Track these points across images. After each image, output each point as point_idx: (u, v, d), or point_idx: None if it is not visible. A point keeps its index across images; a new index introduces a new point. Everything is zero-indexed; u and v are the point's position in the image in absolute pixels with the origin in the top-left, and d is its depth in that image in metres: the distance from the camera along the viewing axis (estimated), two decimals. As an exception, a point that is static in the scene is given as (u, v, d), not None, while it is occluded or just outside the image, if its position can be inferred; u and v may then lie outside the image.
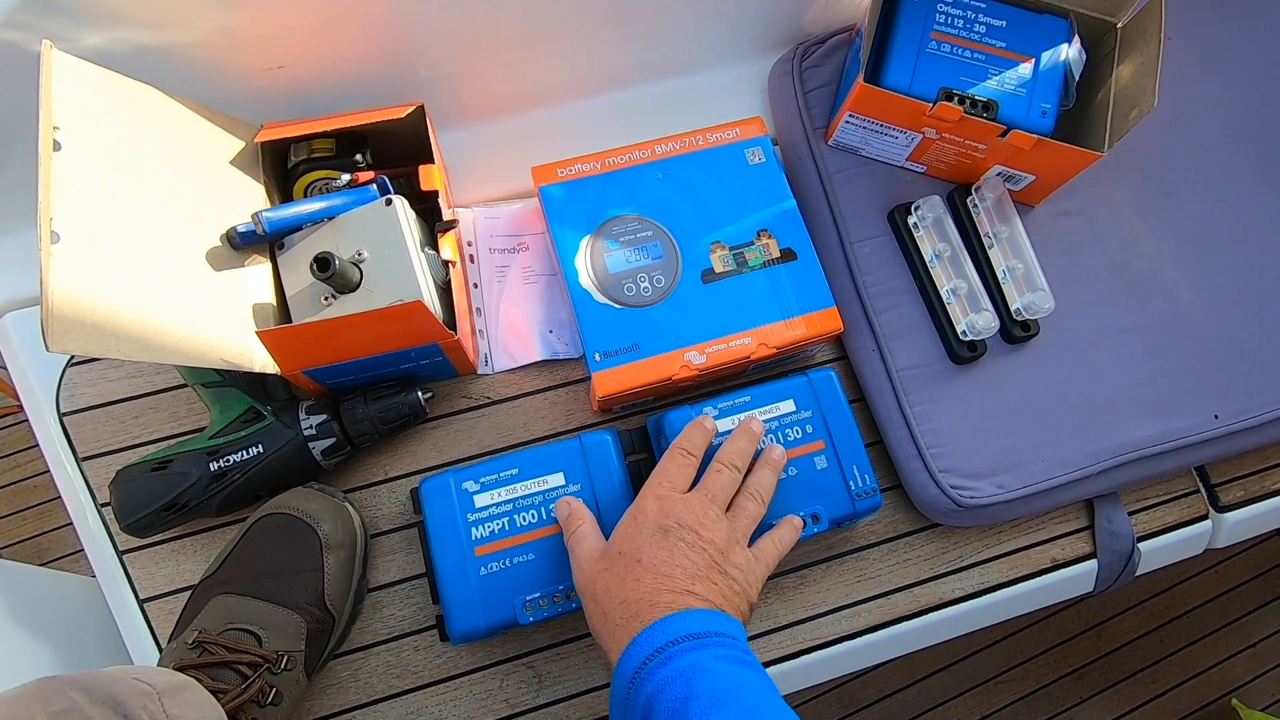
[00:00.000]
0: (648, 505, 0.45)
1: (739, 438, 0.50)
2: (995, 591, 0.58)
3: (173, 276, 0.45)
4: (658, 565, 0.42)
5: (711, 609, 0.41)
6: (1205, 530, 0.61)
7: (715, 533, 0.44)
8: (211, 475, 0.50)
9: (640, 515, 0.45)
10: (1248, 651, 1.33)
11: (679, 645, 0.38)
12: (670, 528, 0.44)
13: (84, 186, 0.41)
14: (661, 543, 0.43)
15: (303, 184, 0.55)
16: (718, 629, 0.40)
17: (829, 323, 0.55)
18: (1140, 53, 0.55)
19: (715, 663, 0.38)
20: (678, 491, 0.46)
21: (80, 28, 0.46)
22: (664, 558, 0.43)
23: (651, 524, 0.44)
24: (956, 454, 0.55)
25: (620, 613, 0.42)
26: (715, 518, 0.45)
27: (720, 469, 0.48)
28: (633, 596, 0.42)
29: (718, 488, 0.47)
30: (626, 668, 0.39)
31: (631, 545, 0.44)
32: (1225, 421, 0.57)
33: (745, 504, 0.48)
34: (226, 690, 0.44)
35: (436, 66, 0.58)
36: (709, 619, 0.40)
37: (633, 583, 0.42)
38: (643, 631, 0.40)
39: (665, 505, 0.45)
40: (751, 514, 0.47)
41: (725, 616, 0.41)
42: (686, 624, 0.39)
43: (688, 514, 0.45)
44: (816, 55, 0.64)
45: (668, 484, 0.47)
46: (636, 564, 0.43)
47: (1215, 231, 0.62)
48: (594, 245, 0.55)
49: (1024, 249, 0.57)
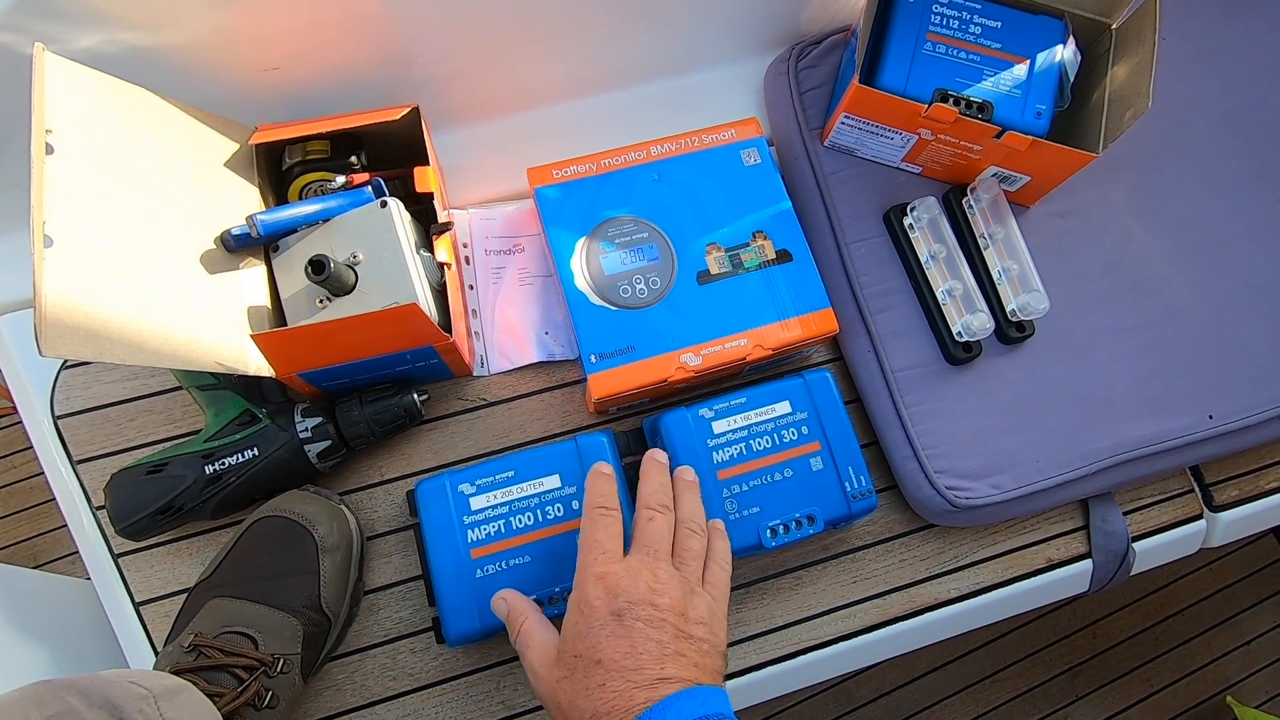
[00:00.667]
0: (590, 592, 0.41)
1: (652, 475, 0.47)
2: (991, 591, 0.58)
3: (167, 280, 0.45)
4: (620, 659, 0.39)
5: (689, 689, 0.38)
6: (1200, 530, 0.62)
7: (670, 595, 0.41)
8: (207, 478, 0.50)
9: (587, 607, 0.41)
10: (1242, 649, 1.33)
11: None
12: (623, 610, 0.40)
13: (77, 190, 0.41)
14: (618, 632, 0.39)
15: (297, 186, 0.55)
16: (701, 712, 0.37)
17: (824, 324, 0.55)
18: (1135, 53, 0.55)
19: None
20: (616, 560, 0.42)
21: (73, 30, 0.46)
22: (625, 649, 0.39)
23: (602, 613, 0.40)
24: (952, 455, 0.56)
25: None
26: (665, 578, 0.42)
27: (651, 517, 0.45)
28: (603, 707, 0.38)
29: (655, 539, 0.44)
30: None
31: (587, 645, 0.40)
32: (1220, 421, 0.57)
33: (687, 544, 0.45)
34: (222, 693, 0.44)
35: (431, 67, 0.58)
36: (688, 703, 0.37)
37: (598, 689, 0.38)
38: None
39: (610, 584, 0.41)
40: (696, 552, 0.45)
41: (705, 692, 0.38)
42: (665, 718, 0.36)
43: (636, 587, 0.41)
44: (812, 56, 0.64)
45: (603, 556, 0.43)
46: (597, 666, 0.39)
47: (1210, 232, 0.62)
48: (590, 247, 0.55)
49: (1019, 250, 0.57)
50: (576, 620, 0.41)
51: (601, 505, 0.45)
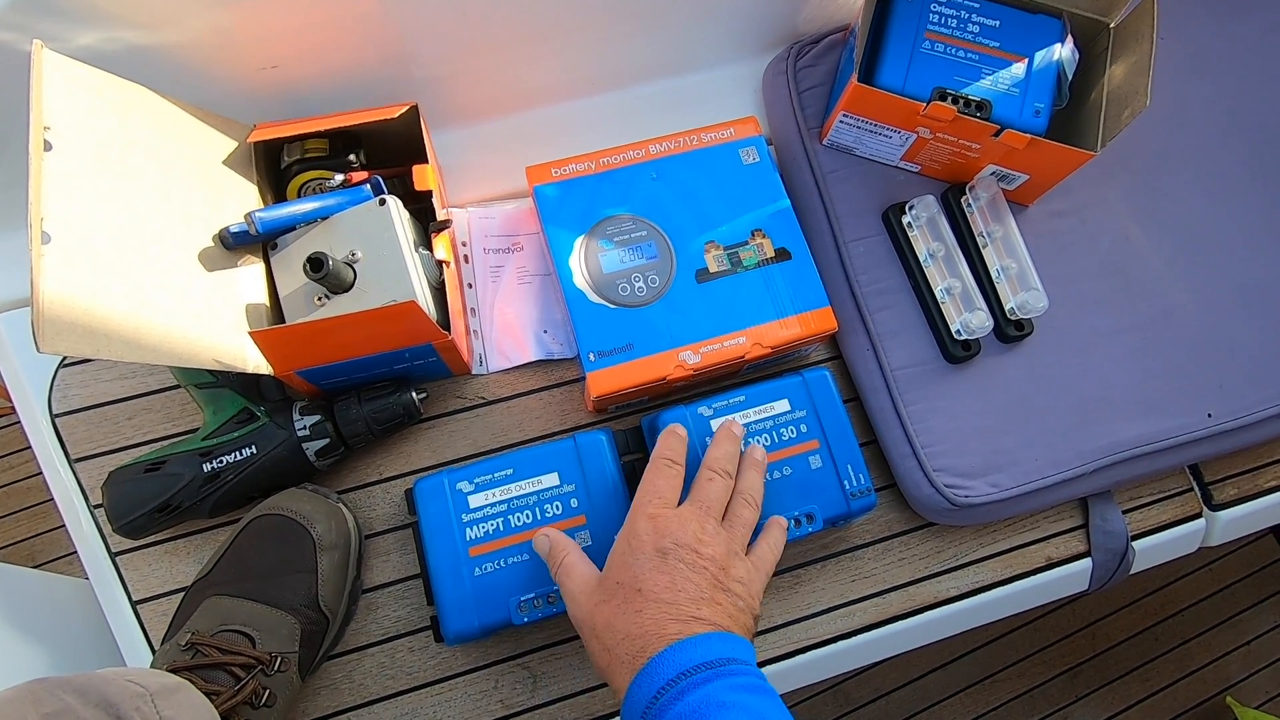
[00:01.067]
0: (641, 527, 0.44)
1: (723, 442, 0.49)
2: (990, 590, 0.58)
3: (165, 277, 0.45)
4: (660, 592, 0.41)
5: (720, 632, 0.39)
6: (1199, 528, 0.62)
7: (715, 548, 0.43)
8: (205, 476, 0.50)
9: (635, 540, 0.43)
10: (1242, 649, 1.33)
11: (691, 677, 0.37)
12: (668, 549, 0.42)
13: (75, 187, 0.41)
14: (661, 567, 0.42)
15: (296, 184, 0.55)
16: (729, 654, 0.38)
17: (823, 322, 0.55)
18: (1133, 53, 0.55)
19: (730, 694, 0.36)
20: (669, 507, 0.45)
21: (71, 27, 0.46)
22: (665, 583, 0.41)
23: (648, 548, 0.42)
24: (951, 453, 0.55)
25: (625, 648, 0.40)
26: (713, 532, 0.44)
27: (711, 477, 0.47)
28: (636, 630, 0.40)
29: (711, 498, 0.46)
30: (637, 702, 0.38)
31: (630, 574, 0.42)
32: (1218, 420, 0.57)
33: (740, 511, 0.47)
34: (220, 692, 0.44)
35: (430, 66, 0.58)
36: (719, 644, 0.39)
37: (634, 614, 0.40)
38: (650, 663, 0.38)
39: (660, 525, 0.43)
40: (747, 521, 0.46)
41: (735, 639, 0.40)
42: (697, 652, 0.38)
43: (684, 532, 0.43)
44: (811, 55, 0.64)
45: (658, 500, 0.45)
46: (637, 594, 0.41)
47: (1208, 231, 0.62)
48: (588, 245, 0.55)
49: (1018, 248, 0.57)
50: (623, 551, 0.44)
51: (668, 457, 0.47)
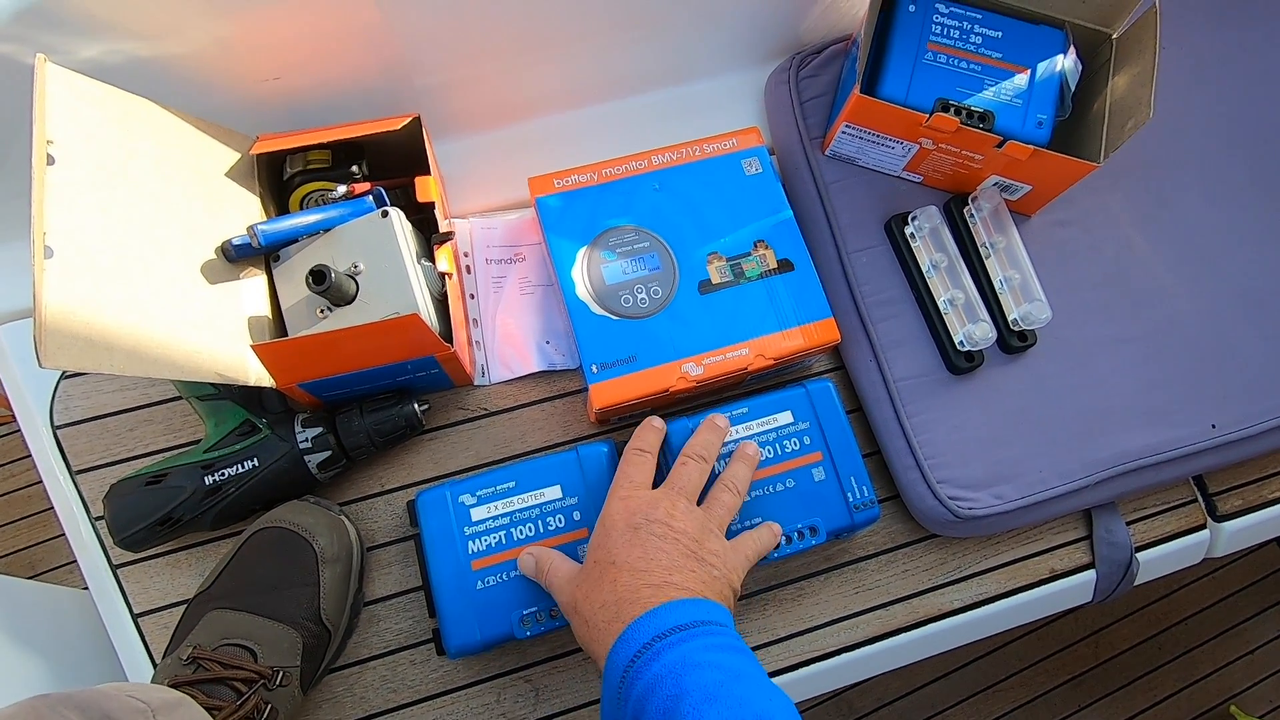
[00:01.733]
0: (613, 509, 0.45)
1: (704, 431, 0.50)
2: (994, 602, 0.58)
3: (167, 290, 0.44)
4: (633, 562, 0.42)
5: (694, 597, 0.40)
6: (1203, 540, 0.61)
7: (687, 522, 0.44)
8: (206, 489, 0.50)
9: (607, 520, 0.45)
10: (1245, 658, 1.33)
11: (665, 639, 0.38)
12: (639, 524, 0.43)
13: (77, 200, 0.41)
14: (633, 540, 0.43)
15: (298, 196, 0.55)
16: (703, 617, 0.39)
17: (826, 333, 0.55)
18: (1136, 63, 0.55)
19: (705, 654, 0.37)
20: (641, 489, 0.46)
21: (74, 40, 0.46)
22: (638, 554, 0.42)
23: (620, 525, 0.44)
24: (954, 464, 0.55)
25: (602, 616, 0.41)
26: (684, 509, 0.45)
27: (685, 461, 0.48)
28: (611, 598, 0.41)
29: (684, 480, 0.47)
30: (615, 668, 0.39)
31: (604, 551, 0.44)
32: (1222, 431, 0.57)
33: (719, 495, 0.47)
34: (221, 707, 0.43)
35: (432, 76, 0.58)
36: (693, 607, 0.40)
37: (609, 585, 0.42)
38: (627, 628, 0.39)
39: (630, 504, 0.45)
40: (726, 504, 0.47)
41: (709, 603, 0.40)
42: (671, 615, 0.39)
43: (655, 509, 0.44)
44: (813, 65, 0.64)
45: (628, 484, 0.46)
46: (611, 566, 0.42)
47: (1211, 241, 0.62)
48: (591, 256, 0.55)
49: (1021, 259, 0.57)
50: (598, 533, 0.45)
51: (638, 447, 0.49)
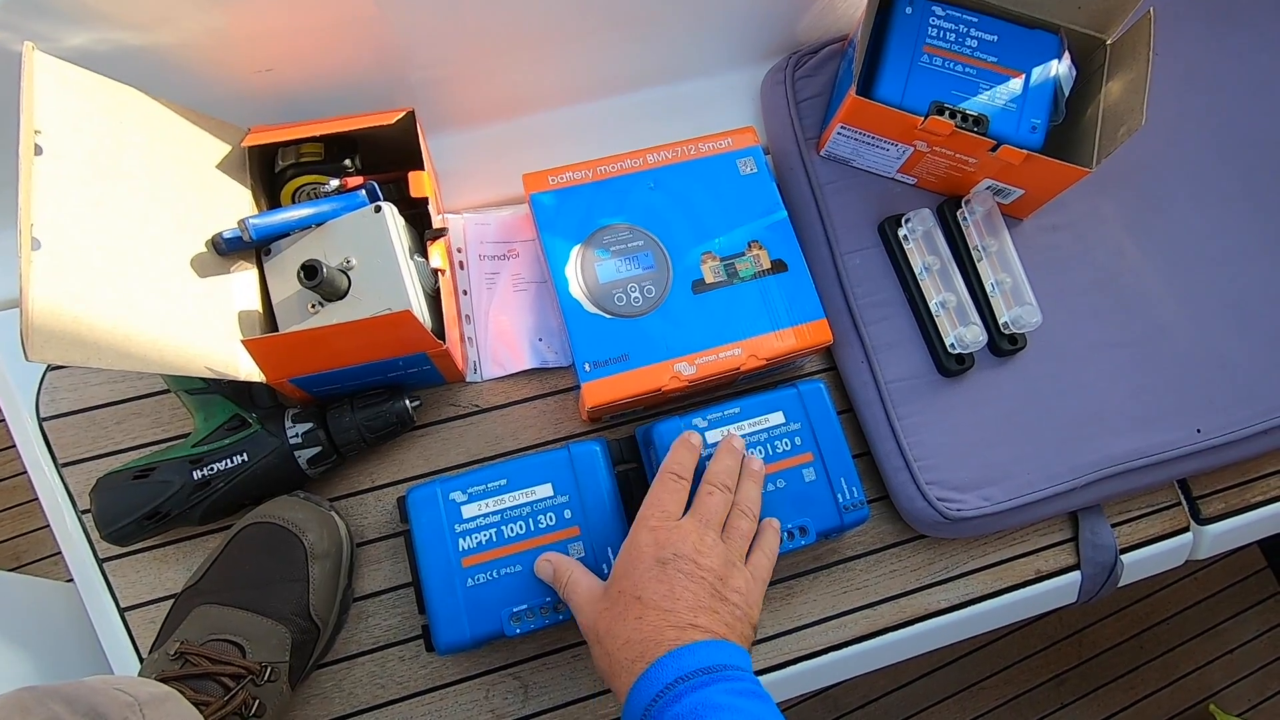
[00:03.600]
0: (642, 539, 0.45)
1: (724, 456, 0.50)
2: (980, 603, 0.58)
3: (156, 283, 0.44)
4: (659, 600, 0.42)
5: (718, 640, 0.40)
6: (1186, 542, 0.62)
7: (713, 559, 0.44)
8: (195, 484, 0.50)
9: (635, 550, 0.45)
10: (1225, 658, 1.34)
11: (688, 681, 0.38)
12: (668, 559, 0.43)
13: (66, 191, 0.40)
14: (660, 576, 0.43)
15: (290, 189, 0.55)
16: (725, 661, 0.39)
17: (819, 334, 0.55)
18: (1129, 70, 0.55)
19: (725, 697, 0.37)
20: (671, 519, 0.46)
21: (63, 28, 0.46)
22: (664, 591, 0.42)
23: (649, 558, 0.44)
24: (943, 466, 0.56)
25: (625, 653, 0.41)
26: (712, 544, 0.45)
27: (712, 491, 0.48)
28: (636, 636, 0.41)
29: (711, 511, 0.46)
30: (635, 706, 0.39)
31: (630, 583, 0.43)
32: (1207, 436, 0.58)
33: (738, 523, 0.47)
34: (209, 702, 0.43)
35: (427, 71, 0.58)
36: (716, 651, 0.40)
37: (634, 621, 0.41)
38: (649, 668, 0.39)
39: (660, 536, 0.44)
40: (745, 532, 0.47)
41: (732, 647, 0.41)
42: (694, 659, 0.39)
43: (684, 543, 0.44)
44: (809, 65, 0.64)
45: (660, 513, 0.46)
46: (637, 602, 0.42)
47: (1201, 247, 0.62)
48: (584, 254, 0.55)
49: (1012, 263, 0.58)
50: (625, 561, 0.45)
51: (675, 472, 0.48)
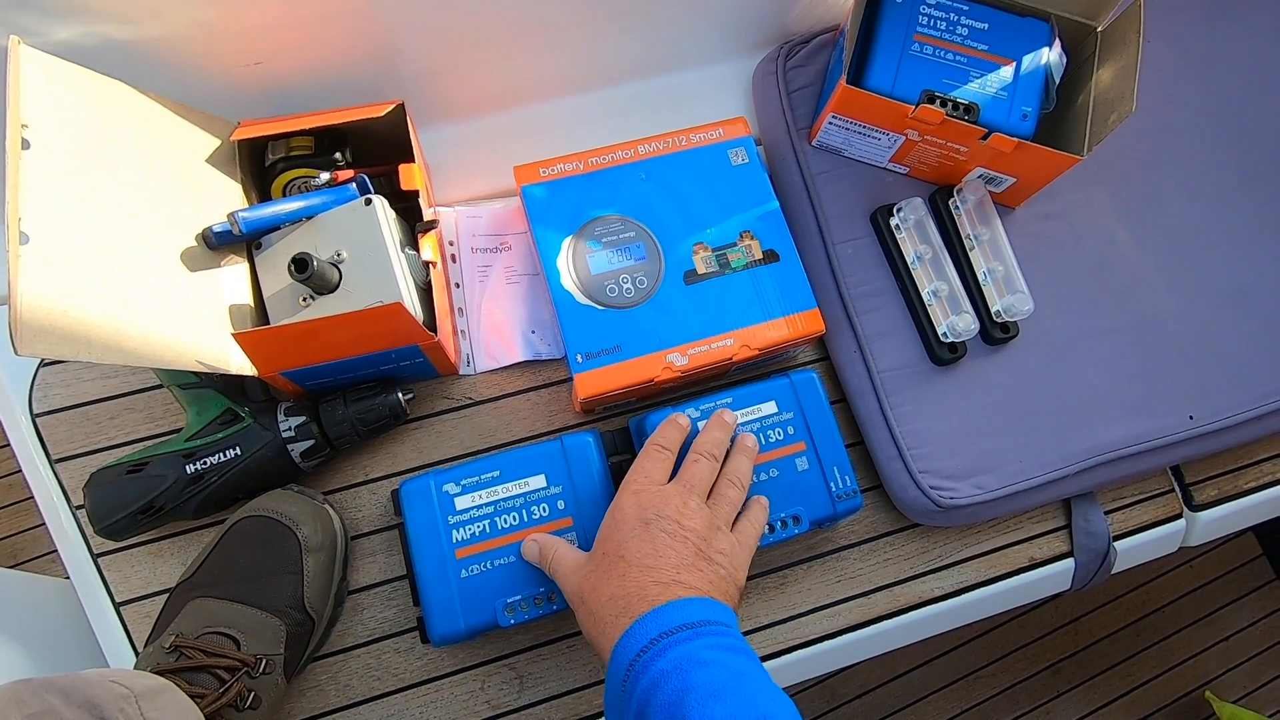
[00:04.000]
0: (625, 501, 0.46)
1: (713, 429, 0.51)
2: (974, 590, 0.59)
3: (146, 278, 0.44)
4: (642, 558, 0.42)
5: (702, 597, 0.41)
6: (1179, 529, 0.62)
7: (696, 521, 0.45)
8: (188, 478, 0.50)
9: (619, 513, 0.45)
10: (1220, 645, 1.35)
11: (672, 636, 0.38)
12: (650, 519, 0.44)
13: (53, 186, 0.40)
14: (643, 535, 0.43)
15: (281, 183, 0.55)
16: (710, 617, 0.40)
17: (811, 324, 0.55)
18: (1120, 57, 0.55)
19: (710, 652, 0.38)
20: (654, 484, 0.47)
21: (49, 22, 0.45)
22: (648, 550, 0.43)
23: (631, 519, 0.44)
24: (936, 455, 0.56)
25: (609, 609, 0.41)
26: (695, 507, 0.45)
27: (697, 459, 0.48)
28: (619, 593, 0.41)
29: (696, 477, 0.47)
30: (620, 662, 0.39)
31: (614, 544, 0.44)
32: (1200, 422, 0.58)
33: (725, 490, 0.48)
34: (204, 694, 0.43)
35: (417, 63, 0.58)
36: (700, 607, 0.40)
37: (618, 579, 0.42)
38: (634, 624, 0.40)
39: (643, 499, 0.45)
40: (732, 500, 0.48)
41: (715, 603, 0.41)
42: (678, 614, 0.39)
43: (667, 505, 0.45)
44: (801, 55, 0.64)
45: (644, 479, 0.47)
46: (620, 560, 0.43)
47: (1193, 235, 0.62)
48: (576, 246, 0.55)
49: (1004, 251, 0.58)
50: (608, 524, 0.46)
51: (659, 444, 0.49)
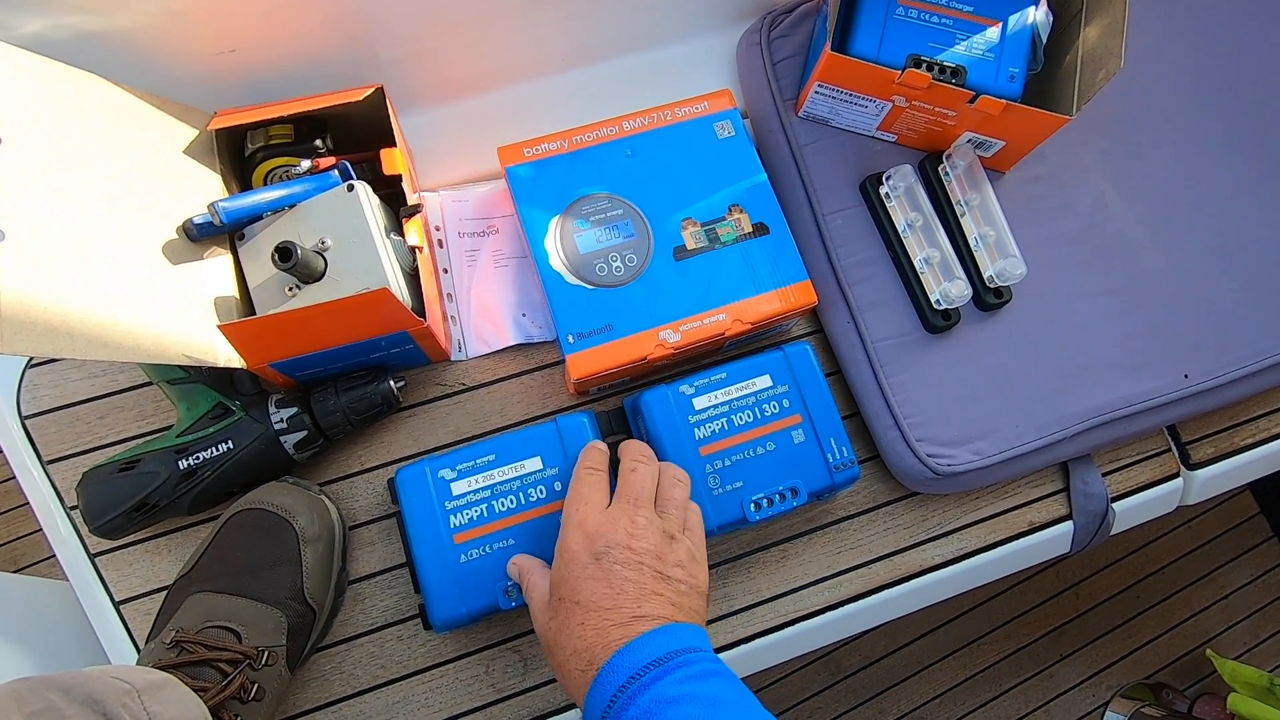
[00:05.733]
0: (571, 538, 0.43)
1: (631, 444, 0.49)
2: (974, 556, 0.59)
3: (128, 272, 0.43)
4: (598, 600, 0.40)
5: (665, 625, 0.39)
6: (1177, 488, 0.63)
7: (648, 539, 0.42)
8: (181, 473, 0.50)
9: (567, 553, 0.43)
10: (1220, 604, 1.36)
11: (639, 680, 0.37)
12: (601, 553, 0.42)
13: (29, 181, 0.40)
14: (596, 574, 0.41)
15: (261, 172, 0.54)
16: (676, 646, 0.38)
17: (803, 296, 0.55)
18: (1106, 14, 0.54)
19: (679, 686, 0.36)
20: (597, 510, 0.44)
21: (15, 14, 0.44)
22: (603, 590, 0.40)
23: (582, 557, 0.42)
24: (933, 423, 0.56)
25: (574, 663, 0.40)
26: (645, 523, 0.43)
27: (634, 467, 0.46)
28: (581, 645, 0.40)
29: (637, 488, 0.45)
30: (593, 717, 0.38)
31: (568, 588, 0.42)
32: (1195, 381, 0.58)
33: (671, 493, 0.46)
34: (207, 688, 0.43)
35: (395, 46, 0.57)
36: (665, 638, 0.38)
37: (577, 628, 0.40)
38: (599, 675, 0.38)
39: (589, 529, 0.43)
40: (679, 501, 0.46)
41: (682, 628, 0.39)
42: (643, 653, 0.38)
43: (614, 531, 0.42)
44: (784, 25, 0.63)
45: (584, 506, 0.44)
46: (577, 607, 0.41)
47: (1182, 193, 0.62)
48: (564, 226, 0.54)
49: (995, 216, 0.57)
50: (559, 566, 0.43)
51: (590, 466, 0.47)
